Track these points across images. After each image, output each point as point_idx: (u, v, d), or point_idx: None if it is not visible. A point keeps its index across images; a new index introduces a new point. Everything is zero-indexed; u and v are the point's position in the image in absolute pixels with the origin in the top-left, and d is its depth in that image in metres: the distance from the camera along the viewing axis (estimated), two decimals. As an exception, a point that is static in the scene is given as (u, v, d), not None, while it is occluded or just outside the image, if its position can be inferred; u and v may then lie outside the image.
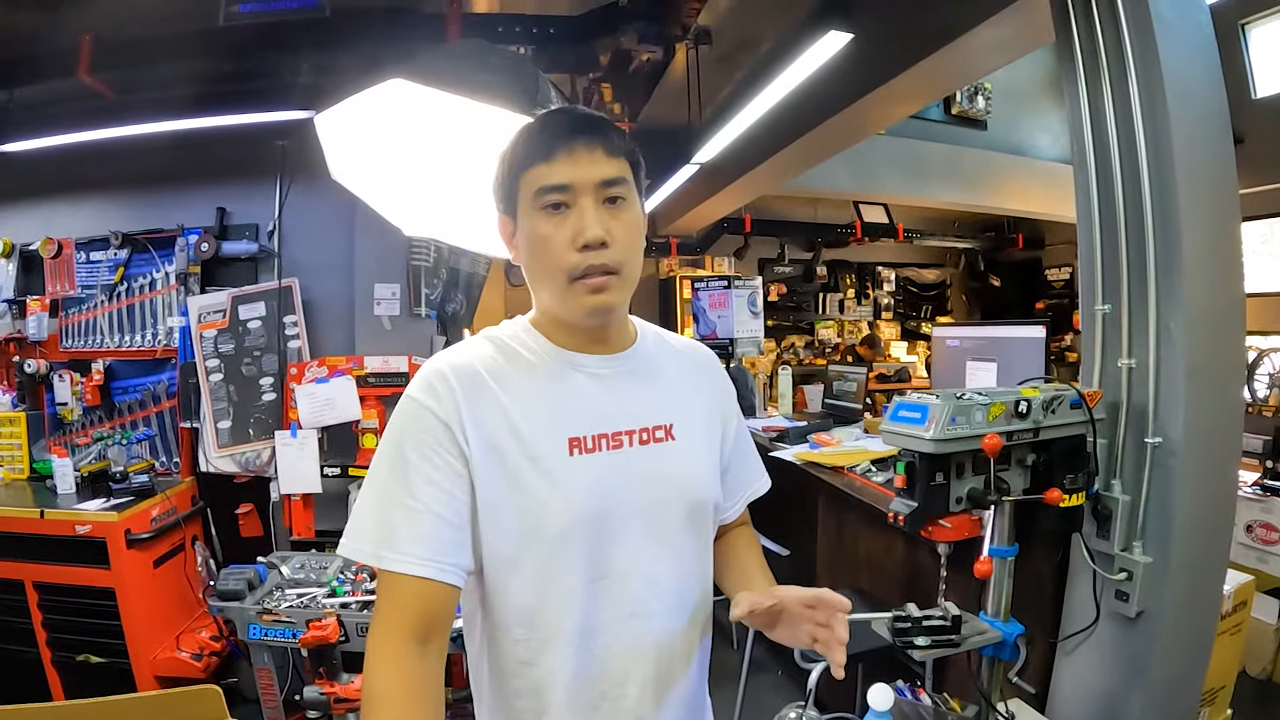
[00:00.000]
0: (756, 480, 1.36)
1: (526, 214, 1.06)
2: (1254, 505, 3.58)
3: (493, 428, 1.03)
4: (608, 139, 1.06)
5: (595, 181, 1.04)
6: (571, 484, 1.04)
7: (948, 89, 5.80)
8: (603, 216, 1.04)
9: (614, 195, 1.06)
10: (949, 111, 7.35)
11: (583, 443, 1.07)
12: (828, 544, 3.37)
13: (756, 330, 5.75)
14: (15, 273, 4.13)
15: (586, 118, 1.08)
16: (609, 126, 1.08)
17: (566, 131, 1.05)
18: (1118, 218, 1.99)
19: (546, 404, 1.07)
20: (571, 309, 1.07)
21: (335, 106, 1.62)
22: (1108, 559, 1.99)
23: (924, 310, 10.24)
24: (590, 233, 1.02)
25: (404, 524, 0.98)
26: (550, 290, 1.08)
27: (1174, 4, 1.93)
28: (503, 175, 1.10)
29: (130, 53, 3.39)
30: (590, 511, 1.05)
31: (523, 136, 1.08)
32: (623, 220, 1.06)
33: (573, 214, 1.03)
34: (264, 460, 3.75)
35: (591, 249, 1.03)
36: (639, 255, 1.12)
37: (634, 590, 1.09)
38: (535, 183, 1.04)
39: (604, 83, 3.90)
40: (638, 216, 1.10)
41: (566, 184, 1.03)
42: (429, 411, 1.02)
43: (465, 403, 1.03)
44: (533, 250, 1.07)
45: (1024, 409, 1.84)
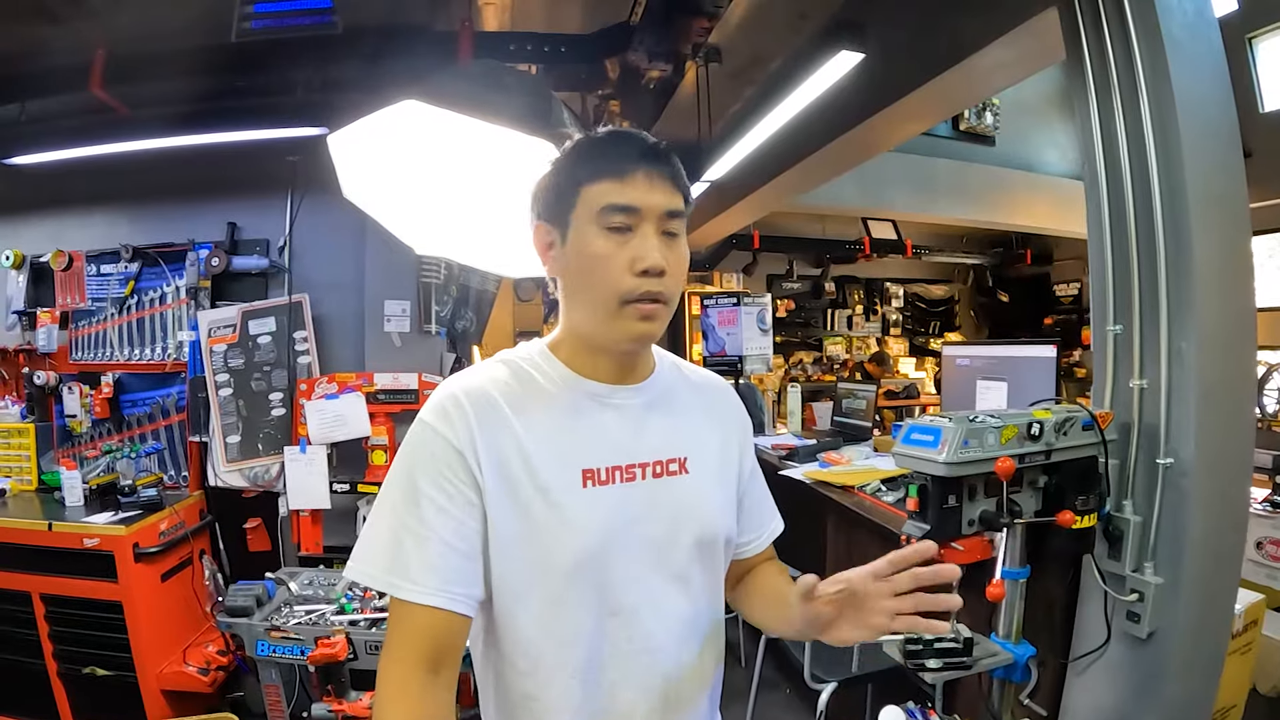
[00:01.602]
0: (773, 519, 1.35)
1: (583, 229, 1.04)
2: (1264, 522, 3.54)
3: (506, 457, 1.02)
4: (676, 171, 1.07)
5: (662, 210, 1.03)
6: (583, 517, 1.03)
7: (958, 107, 5.81)
8: (661, 246, 1.03)
9: (673, 229, 1.06)
10: (957, 127, 7.36)
11: (596, 475, 1.06)
12: (837, 564, 3.33)
13: (765, 347, 5.75)
14: (26, 285, 4.14)
15: (657, 145, 1.07)
16: (677, 159, 1.08)
17: (642, 155, 1.04)
18: (1129, 237, 1.99)
19: (561, 434, 1.06)
20: (615, 333, 1.05)
21: (348, 127, 1.63)
22: (1119, 580, 1.98)
23: (932, 326, 10.24)
24: (653, 259, 1.01)
25: (416, 552, 0.97)
26: (595, 310, 1.05)
27: (1184, 22, 1.94)
28: (558, 183, 1.08)
29: (142, 67, 3.41)
30: (602, 545, 1.04)
31: (589, 149, 1.07)
32: (677, 253, 1.06)
33: (635, 238, 1.02)
34: (273, 475, 3.75)
35: (651, 275, 1.02)
36: (681, 291, 1.11)
37: (643, 624, 1.08)
38: (602, 199, 1.02)
39: (613, 100, 3.92)
40: (687, 251, 1.10)
41: (636, 207, 1.02)
42: (442, 438, 1.01)
43: (479, 430, 1.02)
44: (583, 266, 1.05)
45: (1036, 431, 1.84)
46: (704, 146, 4.85)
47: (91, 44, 3.38)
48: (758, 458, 1.36)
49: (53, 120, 3.77)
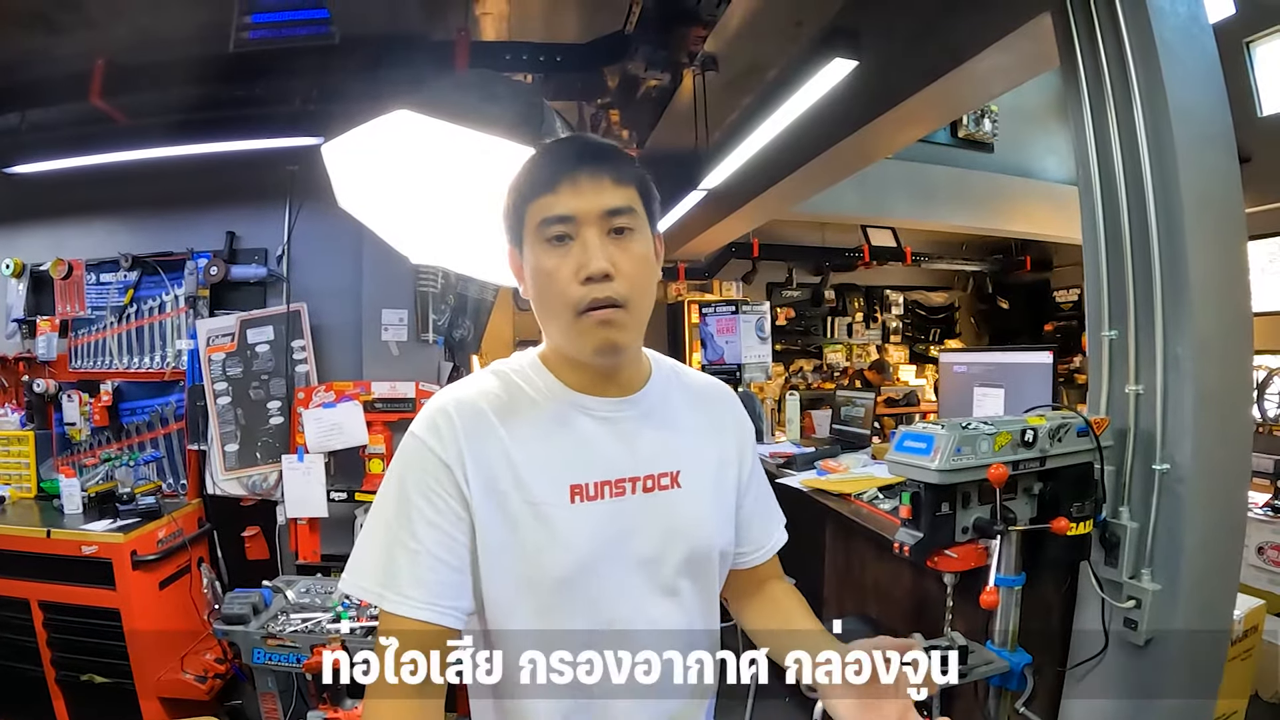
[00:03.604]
0: (775, 531, 1.31)
1: (531, 246, 1.04)
2: (1264, 527, 3.54)
3: (494, 470, 1.02)
4: (614, 167, 1.03)
5: (599, 211, 1.01)
6: (572, 533, 1.03)
7: (954, 114, 5.81)
8: (608, 248, 1.01)
9: (620, 226, 1.02)
10: (956, 134, 7.34)
11: (585, 490, 1.05)
12: (835, 572, 3.34)
13: (764, 355, 5.73)
14: (26, 293, 4.15)
15: (592, 146, 1.06)
16: (616, 154, 1.06)
17: (571, 160, 1.02)
18: (1123, 242, 1.99)
19: (550, 449, 1.05)
20: (579, 346, 1.04)
21: (341, 136, 1.63)
22: (1116, 587, 1.97)
23: (932, 333, 10.21)
24: (594, 264, 0.99)
25: (406, 566, 0.98)
26: (557, 326, 1.05)
27: (1177, 27, 1.94)
28: (510, 207, 1.07)
29: (141, 77, 3.41)
30: (590, 561, 1.04)
31: (528, 167, 1.06)
32: (630, 252, 1.03)
33: (576, 246, 1.00)
34: (271, 484, 3.75)
35: (595, 281, 0.99)
36: (649, 289, 1.07)
37: (634, 639, 1.06)
38: (539, 214, 1.02)
39: (611, 109, 3.92)
40: (647, 248, 1.06)
41: (570, 215, 1.00)
42: (431, 451, 1.01)
43: (467, 443, 1.01)
44: (538, 284, 1.04)
45: (1030, 438, 1.84)
46: (702, 155, 4.86)
47: (91, 53, 3.39)
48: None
49: (52, 129, 3.78)
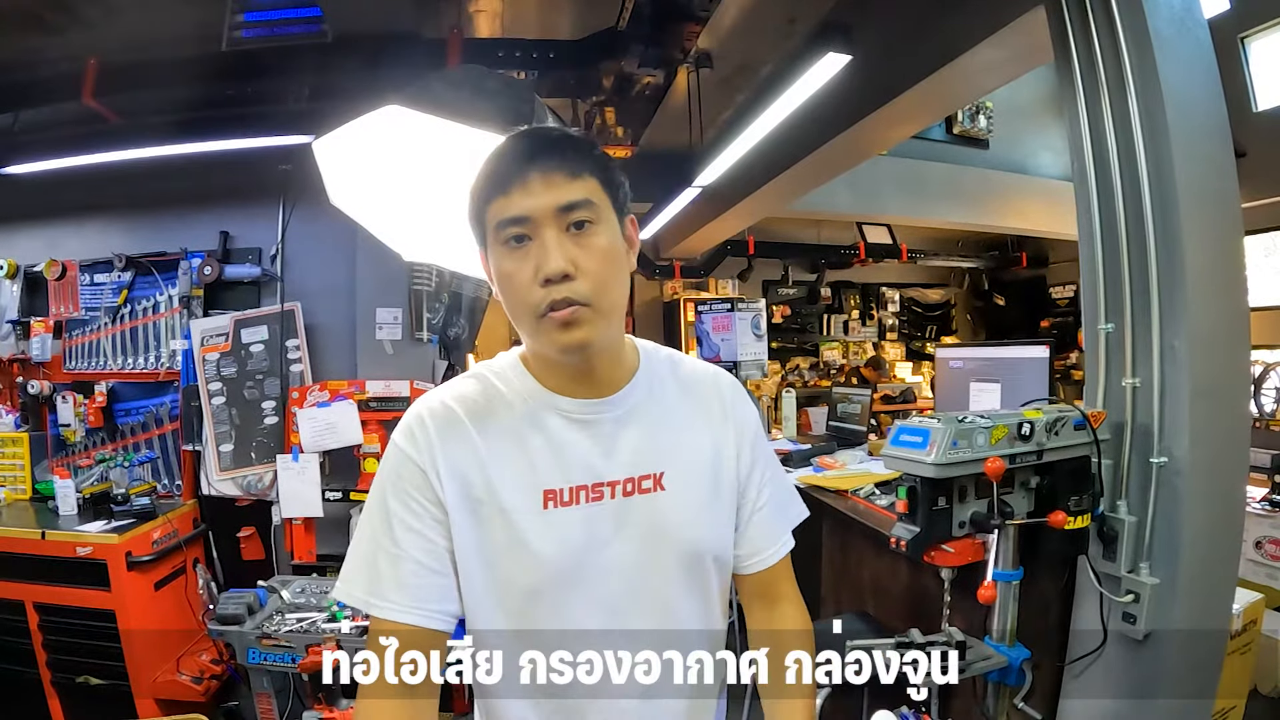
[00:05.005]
0: (792, 506, 1.25)
1: (493, 249, 1.01)
2: (1263, 521, 3.53)
3: (468, 475, 1.01)
4: (567, 159, 0.98)
5: (554, 208, 0.97)
6: (543, 541, 1.01)
7: (948, 109, 5.81)
8: (567, 246, 0.97)
9: (578, 220, 0.98)
10: (951, 131, 7.35)
11: (558, 495, 1.03)
12: (832, 569, 3.34)
13: (760, 353, 5.72)
14: (20, 294, 4.16)
15: (543, 140, 1.01)
16: (571, 145, 1.01)
17: (521, 158, 0.98)
18: (1119, 236, 1.98)
19: (523, 453, 1.04)
20: (545, 347, 1.02)
21: (333, 132, 1.62)
22: (1114, 581, 1.96)
23: (929, 330, 10.21)
24: (551, 265, 0.95)
25: (389, 571, 0.98)
26: (523, 329, 1.02)
27: (1172, 20, 1.93)
28: (471, 211, 1.04)
29: (134, 77, 3.41)
30: (562, 569, 1.02)
31: (483, 167, 1.02)
32: (591, 247, 0.98)
33: (534, 246, 0.97)
34: (266, 484, 3.74)
35: (554, 282, 0.96)
36: (616, 283, 1.02)
37: (611, 651, 1.04)
38: (495, 216, 0.98)
39: (606, 106, 3.92)
40: (611, 239, 1.01)
41: (524, 215, 0.96)
42: (408, 458, 1.02)
43: (440, 449, 1.01)
44: (501, 287, 1.02)
45: (1027, 431, 1.83)
46: (696, 152, 4.85)
47: (84, 53, 3.38)
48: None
49: (46, 130, 3.78)
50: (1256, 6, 5.03)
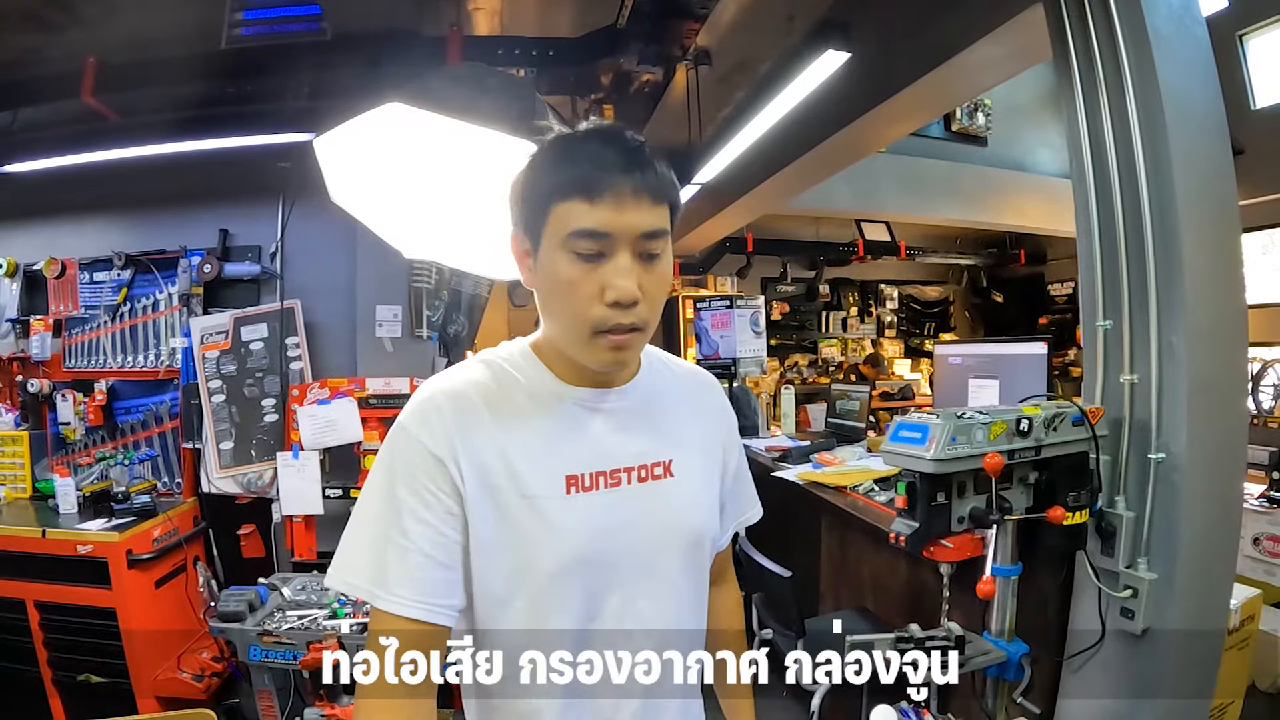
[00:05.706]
0: (749, 508, 1.30)
1: (552, 249, 0.97)
2: (1261, 518, 3.55)
3: (488, 463, 0.99)
4: (659, 183, 0.96)
5: (638, 233, 0.94)
6: (568, 525, 1.01)
7: (946, 106, 5.80)
8: (638, 271, 0.95)
9: (654, 250, 0.97)
10: (949, 128, 7.35)
11: (580, 480, 1.03)
12: (831, 564, 3.34)
13: (759, 350, 5.71)
14: (19, 292, 4.15)
15: (638, 153, 0.96)
16: (659, 165, 0.97)
17: (616, 168, 0.93)
18: (1117, 233, 1.99)
19: (543, 439, 1.03)
20: (587, 359, 1.00)
21: (333, 130, 1.63)
22: (1113, 576, 1.97)
23: (927, 327, 10.22)
24: (624, 290, 0.94)
25: (396, 563, 0.96)
26: (566, 336, 1.01)
27: (1170, 18, 1.94)
28: (527, 194, 0.99)
29: (133, 75, 3.41)
30: (587, 552, 1.02)
31: (561, 154, 0.98)
32: (655, 274, 0.98)
33: (607, 265, 0.95)
34: (266, 481, 3.75)
35: (623, 306, 0.95)
36: (663, 304, 1.03)
37: (628, 630, 1.05)
38: (570, 221, 0.94)
39: (605, 104, 3.92)
40: (669, 268, 1.01)
41: (608, 233, 0.93)
42: (421, 445, 0.98)
43: (459, 435, 0.99)
44: (553, 290, 0.99)
45: (1025, 427, 1.84)
46: (695, 149, 4.85)
47: (83, 52, 3.38)
48: (751, 459, 1.33)
49: (45, 128, 3.77)
50: (1255, 4, 5.03)
